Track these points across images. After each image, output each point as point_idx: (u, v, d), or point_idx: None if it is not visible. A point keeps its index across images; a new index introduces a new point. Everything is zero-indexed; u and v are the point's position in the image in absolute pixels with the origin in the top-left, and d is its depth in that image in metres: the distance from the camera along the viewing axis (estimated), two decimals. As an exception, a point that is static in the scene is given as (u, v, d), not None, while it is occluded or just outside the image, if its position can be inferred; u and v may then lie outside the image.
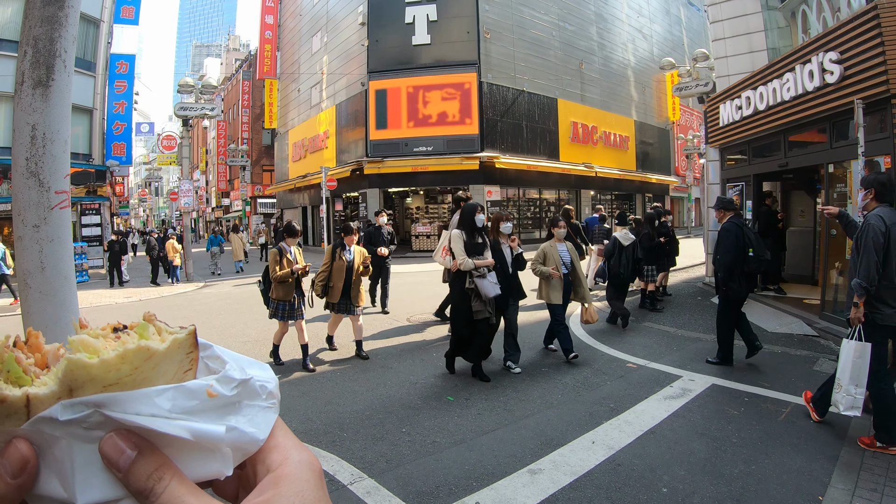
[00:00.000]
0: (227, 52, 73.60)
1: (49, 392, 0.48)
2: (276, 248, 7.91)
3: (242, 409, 0.56)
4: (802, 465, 4.66)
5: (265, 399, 0.59)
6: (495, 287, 7.07)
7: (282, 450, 0.58)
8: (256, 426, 0.57)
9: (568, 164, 31.31)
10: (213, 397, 0.54)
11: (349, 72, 30.75)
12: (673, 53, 39.43)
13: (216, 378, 0.56)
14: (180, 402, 0.52)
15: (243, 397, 0.57)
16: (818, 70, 9.17)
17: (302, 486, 0.55)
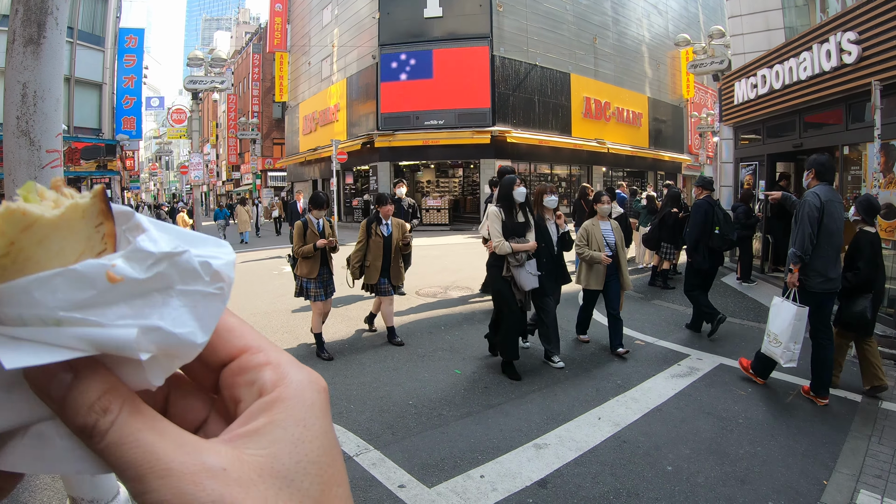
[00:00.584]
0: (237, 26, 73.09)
1: None
2: (300, 221, 7.26)
3: (172, 298, 0.39)
4: (808, 449, 4.66)
5: (209, 282, 0.41)
6: (533, 279, 6.30)
7: (276, 368, 0.44)
8: (185, 322, 0.40)
9: (580, 140, 31.07)
10: (116, 282, 0.37)
11: (360, 44, 30.52)
12: (688, 30, 38.87)
13: (123, 254, 0.38)
14: (68, 292, 0.36)
15: (172, 280, 0.39)
16: (836, 50, 9.03)
17: (305, 413, 0.42)
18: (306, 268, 7.17)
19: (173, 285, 0.40)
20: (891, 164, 7.92)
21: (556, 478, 4.21)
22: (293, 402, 0.42)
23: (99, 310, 0.37)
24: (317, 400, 0.44)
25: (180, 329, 0.39)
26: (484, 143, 26.76)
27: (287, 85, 44.37)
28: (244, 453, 0.39)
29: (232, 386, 0.44)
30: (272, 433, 0.40)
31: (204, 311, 0.41)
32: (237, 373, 0.44)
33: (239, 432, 0.41)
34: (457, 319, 8.93)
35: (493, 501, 3.89)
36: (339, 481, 0.42)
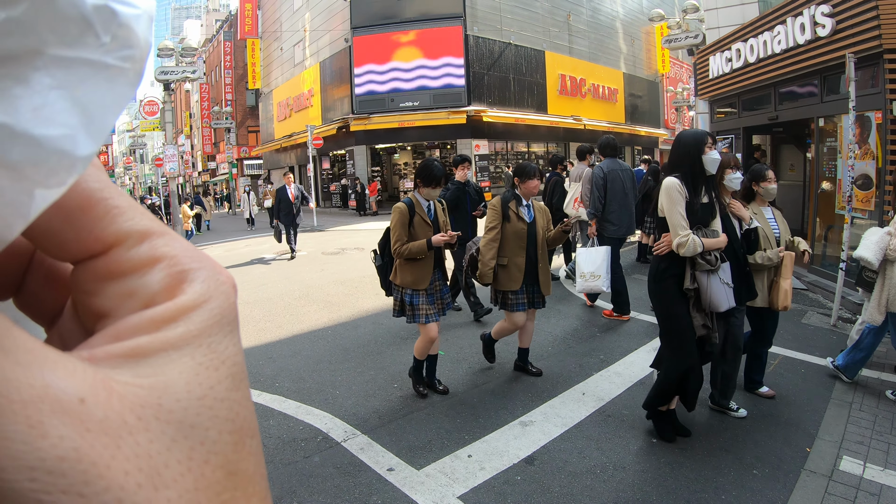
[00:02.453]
0: (207, 14, 71.89)
1: None
2: (404, 203, 5.08)
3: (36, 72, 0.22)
4: (790, 417, 4.73)
5: (109, 44, 0.24)
6: (729, 294, 4.18)
7: (170, 263, 0.29)
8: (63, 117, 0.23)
9: (556, 118, 31.07)
10: None
11: (332, 28, 30.17)
12: (662, 5, 38.77)
13: None
14: None
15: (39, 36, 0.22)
16: (810, 23, 9.06)
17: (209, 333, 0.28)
18: (412, 274, 5.05)
19: (41, 47, 0.22)
20: (865, 135, 8.00)
21: (543, 454, 4.24)
22: (198, 314, 0.28)
23: None
24: (226, 309, 0.30)
25: (47, 129, 0.22)
26: (460, 123, 26.67)
27: (260, 72, 43.87)
28: (115, 380, 0.24)
29: (93, 293, 0.28)
30: (161, 356, 0.26)
31: (95, 96, 0.24)
32: (104, 277, 0.28)
33: (110, 350, 0.26)
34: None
35: (481, 480, 3.91)
36: (253, 430, 0.29)
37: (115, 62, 0.24)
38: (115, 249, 0.28)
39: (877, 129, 7.85)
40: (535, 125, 29.84)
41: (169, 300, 0.28)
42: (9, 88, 0.21)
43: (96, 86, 0.24)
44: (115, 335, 0.26)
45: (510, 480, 3.90)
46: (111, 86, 0.24)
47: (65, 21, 0.22)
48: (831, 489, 3.63)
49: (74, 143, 0.23)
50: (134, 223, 0.29)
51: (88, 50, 0.23)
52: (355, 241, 16.69)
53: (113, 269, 0.28)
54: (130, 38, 0.25)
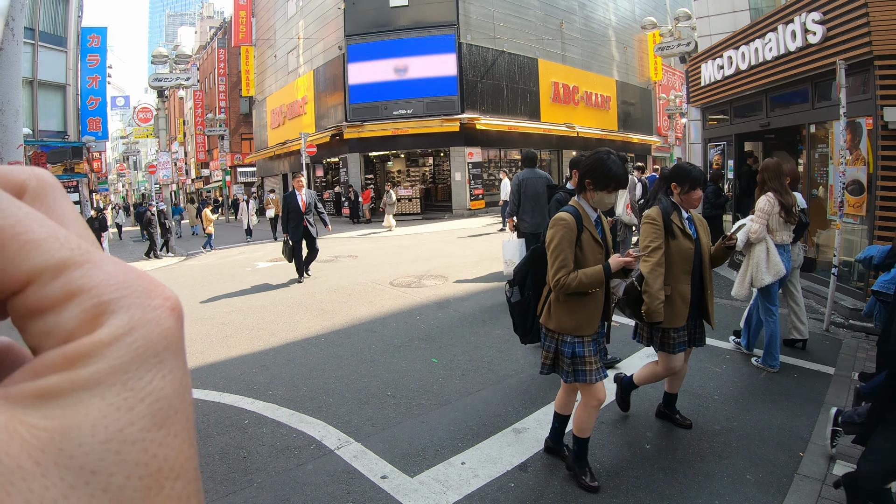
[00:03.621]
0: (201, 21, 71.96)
1: None
2: (569, 214, 3.73)
3: None
4: (783, 422, 4.73)
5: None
6: None
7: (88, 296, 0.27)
8: None
9: (549, 125, 31.14)
10: None
11: (326, 35, 30.24)
12: (654, 13, 39.10)
13: None
14: None
15: None
16: (801, 30, 9.12)
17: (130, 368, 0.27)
18: (575, 316, 3.78)
19: None
20: (857, 141, 8.04)
21: (537, 461, 4.23)
22: (114, 349, 0.26)
23: None
24: (155, 338, 0.28)
25: None
26: (453, 130, 26.70)
27: (253, 79, 43.90)
28: (21, 420, 0.24)
29: (24, 331, 0.28)
30: (71, 396, 0.25)
31: None
32: (25, 314, 0.27)
33: (22, 388, 0.25)
34: (431, 308, 8.92)
35: (475, 487, 3.90)
36: (178, 472, 0.27)
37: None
38: (31, 287, 0.27)
39: (868, 134, 7.89)
40: (528, 133, 29.88)
41: (86, 335, 0.26)
42: None
43: None
44: (33, 372, 0.26)
45: (504, 487, 3.90)
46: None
47: None
48: (825, 493, 3.64)
49: None
50: (48, 256, 0.27)
51: None
52: (349, 249, 16.67)
53: (31, 307, 0.27)
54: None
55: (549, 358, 3.93)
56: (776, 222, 5.94)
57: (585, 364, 3.75)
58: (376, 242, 18.30)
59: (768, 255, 5.79)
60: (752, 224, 5.89)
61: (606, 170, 3.69)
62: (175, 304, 0.29)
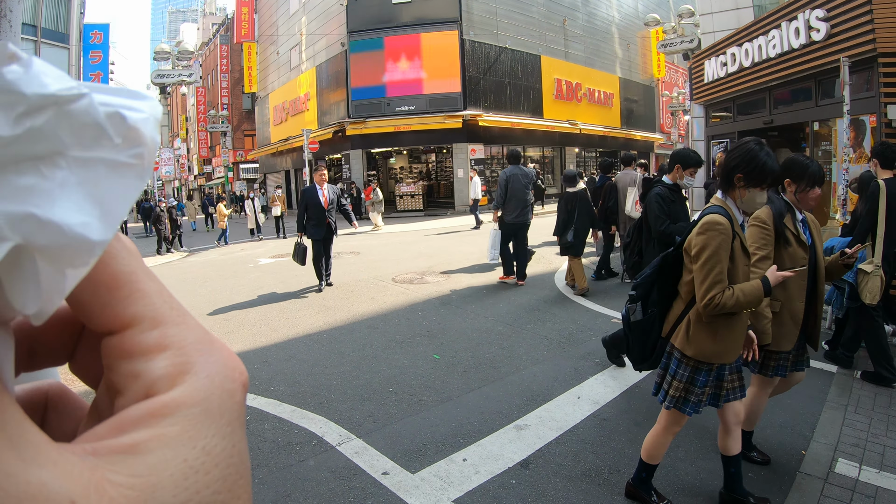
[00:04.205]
0: (204, 17, 72.05)
1: None
2: (721, 216, 3.17)
3: (59, 170, 0.25)
4: (785, 420, 4.73)
5: (120, 145, 0.28)
6: None
7: (177, 354, 0.30)
8: (82, 209, 0.26)
9: (552, 122, 31.13)
10: None
11: (329, 32, 30.23)
12: (658, 10, 39.00)
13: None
14: None
15: (60, 140, 0.25)
16: (804, 27, 9.10)
17: (209, 429, 0.29)
18: (719, 341, 3.23)
19: (63, 150, 0.25)
20: (860, 138, 8.02)
21: (538, 458, 4.23)
22: (194, 410, 0.29)
23: None
24: (228, 408, 0.30)
25: (69, 217, 0.25)
26: (456, 127, 26.71)
27: (256, 75, 43.94)
28: (108, 479, 0.25)
29: (111, 369, 0.30)
30: (156, 454, 0.27)
31: (109, 190, 0.27)
32: (118, 354, 0.30)
33: (110, 444, 0.27)
34: (434, 305, 8.92)
35: (476, 484, 3.90)
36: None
37: (127, 159, 0.27)
38: (130, 330, 0.30)
39: (871, 132, 7.87)
40: (530, 129, 29.89)
41: (169, 389, 0.29)
42: (36, 184, 0.24)
43: (110, 180, 0.27)
44: (118, 427, 0.27)
45: (505, 484, 3.89)
46: (123, 179, 0.27)
47: (82, 128, 0.26)
48: (827, 492, 3.63)
49: (91, 230, 0.26)
50: (152, 308, 0.30)
51: (103, 150, 0.27)
52: (350, 246, 16.67)
53: (125, 349, 0.29)
54: (139, 138, 0.28)
55: (681, 389, 3.34)
56: None
57: (695, 394, 3.33)
58: (378, 239, 18.30)
59: None
60: None
61: (761, 164, 3.14)
62: (245, 379, 0.32)
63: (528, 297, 9.21)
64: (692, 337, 3.25)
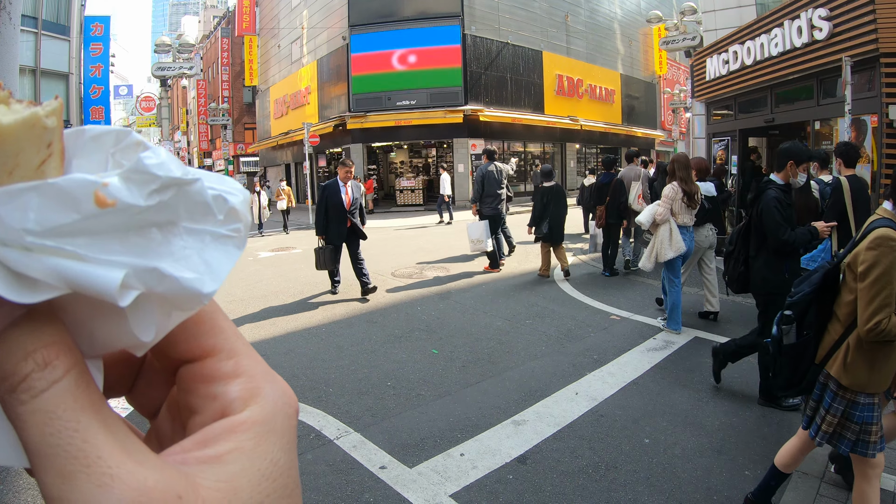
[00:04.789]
0: (205, 10, 71.82)
1: None
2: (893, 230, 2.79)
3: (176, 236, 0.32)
4: (782, 419, 4.74)
5: (222, 221, 0.35)
6: None
7: (248, 381, 0.36)
8: (195, 267, 0.33)
9: (553, 118, 31.11)
10: (106, 207, 0.29)
11: (330, 26, 30.15)
12: (660, 7, 38.89)
13: (120, 173, 0.31)
14: (43, 213, 0.28)
15: (178, 214, 0.32)
16: (807, 26, 9.09)
17: (275, 444, 0.35)
18: (873, 370, 2.93)
19: (178, 221, 0.33)
20: (861, 138, 8.02)
21: (536, 453, 4.24)
22: (264, 428, 0.35)
23: (80, 239, 0.29)
24: (288, 428, 0.37)
25: (184, 273, 0.32)
26: (457, 122, 26.68)
27: (257, 69, 43.84)
28: (201, 482, 0.31)
29: (189, 392, 0.37)
30: (236, 463, 0.33)
31: (214, 255, 0.34)
32: (198, 379, 0.36)
33: (197, 455, 0.33)
34: (432, 300, 8.93)
35: (473, 479, 3.91)
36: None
37: (227, 232, 0.35)
38: (210, 359, 0.36)
39: (872, 132, 7.87)
40: (531, 125, 29.85)
41: (242, 410, 0.35)
42: (158, 246, 0.32)
43: (215, 247, 0.34)
44: (202, 441, 0.34)
45: (502, 479, 3.90)
46: (224, 247, 0.35)
47: (196, 204, 0.33)
48: (823, 491, 3.64)
49: (202, 284, 0.33)
50: (229, 342, 0.37)
51: (209, 224, 0.34)
52: (351, 239, 16.66)
53: (205, 374, 0.36)
54: (237, 216, 0.35)
55: (835, 424, 2.98)
56: (679, 207, 6.89)
57: (871, 433, 2.91)
58: (378, 233, 18.29)
59: (671, 235, 6.84)
60: (657, 208, 6.95)
61: None
62: (297, 406, 0.39)
63: (528, 293, 9.21)
64: (849, 365, 2.92)
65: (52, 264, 0.29)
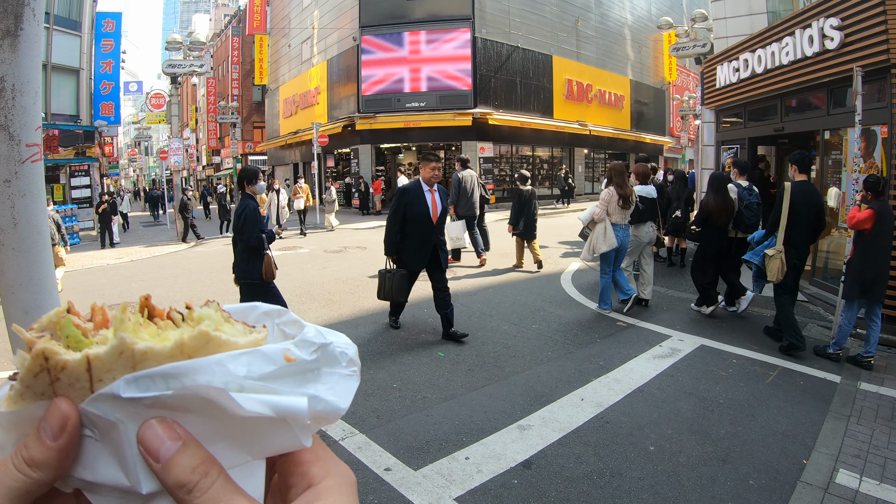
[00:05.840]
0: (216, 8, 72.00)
1: (109, 349, 0.45)
2: None
3: (322, 377, 0.53)
4: (788, 429, 4.73)
5: (345, 366, 0.55)
6: None
7: (323, 463, 0.54)
8: (337, 395, 0.53)
9: (562, 122, 31.09)
10: (290, 362, 0.50)
11: (341, 26, 30.22)
12: (671, 13, 38.96)
13: (294, 342, 0.53)
14: (256, 367, 0.48)
15: (322, 363, 0.53)
16: (818, 35, 9.06)
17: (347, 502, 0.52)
18: None
19: (321, 367, 0.53)
20: (871, 149, 7.99)
21: (540, 458, 4.24)
22: (337, 492, 0.52)
23: (276, 382, 0.49)
24: (352, 493, 0.53)
25: (332, 398, 0.52)
26: (465, 125, 26.70)
27: (267, 68, 43.96)
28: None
29: (287, 474, 0.54)
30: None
31: (343, 387, 0.54)
32: (292, 464, 0.53)
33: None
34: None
35: (478, 482, 3.92)
36: None
37: (348, 373, 0.55)
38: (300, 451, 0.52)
39: (882, 143, 7.84)
40: (540, 129, 29.86)
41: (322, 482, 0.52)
42: (314, 381, 0.52)
43: (343, 384, 0.54)
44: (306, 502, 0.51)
45: (507, 484, 3.91)
46: (348, 383, 0.55)
47: (331, 357, 0.54)
48: (827, 502, 3.64)
49: (341, 404, 0.52)
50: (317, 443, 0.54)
51: (337, 368, 0.54)
52: (357, 240, 16.71)
53: (296, 461, 0.53)
54: (354, 363, 0.56)
55: None
56: (614, 208, 8.09)
57: None
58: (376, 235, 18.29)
59: (605, 232, 8.04)
60: (595, 208, 8.18)
61: None
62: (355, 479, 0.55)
63: (535, 298, 9.21)
64: None
65: (260, 398, 0.47)
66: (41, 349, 0.45)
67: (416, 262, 7.14)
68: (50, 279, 2.30)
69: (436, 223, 7.04)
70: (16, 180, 2.13)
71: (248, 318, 0.59)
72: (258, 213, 6.01)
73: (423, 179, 7.03)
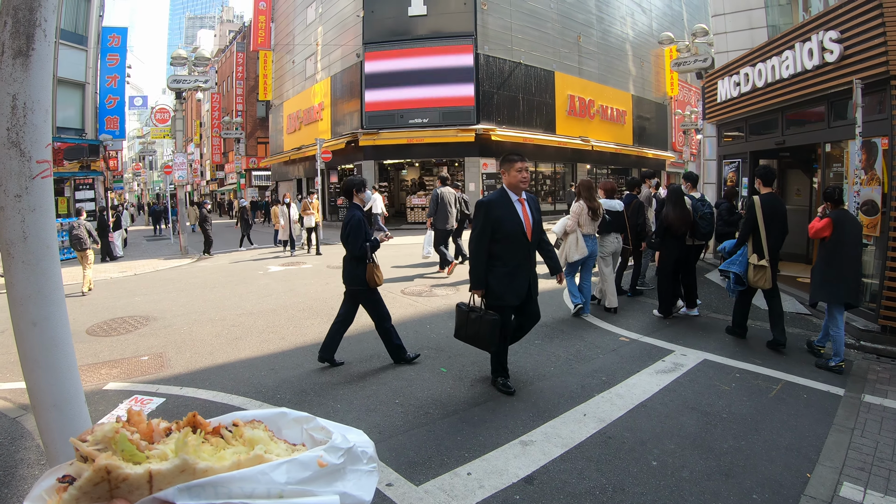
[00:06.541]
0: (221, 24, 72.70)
1: (172, 467, 0.54)
2: None
3: (347, 475, 0.63)
4: (791, 442, 4.71)
5: (366, 463, 0.66)
6: None
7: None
8: (362, 489, 0.63)
9: (564, 138, 31.15)
10: (323, 467, 0.60)
11: (344, 43, 30.42)
12: (672, 28, 39.15)
13: (324, 448, 0.63)
14: (294, 474, 0.58)
15: (347, 463, 0.63)
16: (818, 49, 9.11)
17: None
18: None
19: (346, 467, 0.61)
20: (872, 161, 8.00)
21: (543, 474, 4.23)
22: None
23: (311, 484, 0.57)
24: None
25: (358, 493, 0.60)
26: (468, 141, 26.78)
27: (271, 84, 44.22)
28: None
29: None
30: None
31: (366, 482, 0.63)
32: None
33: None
34: (442, 318, 8.93)
35: (480, 498, 3.90)
36: None
37: (369, 469, 0.68)
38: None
39: (883, 155, 7.85)
40: (543, 145, 29.90)
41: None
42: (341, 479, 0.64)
43: (365, 479, 0.66)
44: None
45: (509, 500, 3.89)
46: (370, 478, 0.66)
47: (354, 457, 0.69)
48: (831, 516, 3.61)
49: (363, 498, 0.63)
50: None
51: (360, 465, 0.67)
52: (361, 256, 16.68)
53: None
54: (373, 458, 0.71)
55: None
56: (584, 220, 8.84)
57: None
58: (388, 249, 18.32)
59: (577, 242, 8.76)
60: (567, 220, 8.92)
61: None
62: None
63: (536, 313, 9.20)
64: None
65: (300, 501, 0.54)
66: (104, 465, 0.54)
67: (512, 294, 5.65)
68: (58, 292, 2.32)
69: (531, 240, 5.65)
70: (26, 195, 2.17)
71: (280, 423, 0.72)
72: (364, 223, 6.21)
73: (508, 186, 5.72)
